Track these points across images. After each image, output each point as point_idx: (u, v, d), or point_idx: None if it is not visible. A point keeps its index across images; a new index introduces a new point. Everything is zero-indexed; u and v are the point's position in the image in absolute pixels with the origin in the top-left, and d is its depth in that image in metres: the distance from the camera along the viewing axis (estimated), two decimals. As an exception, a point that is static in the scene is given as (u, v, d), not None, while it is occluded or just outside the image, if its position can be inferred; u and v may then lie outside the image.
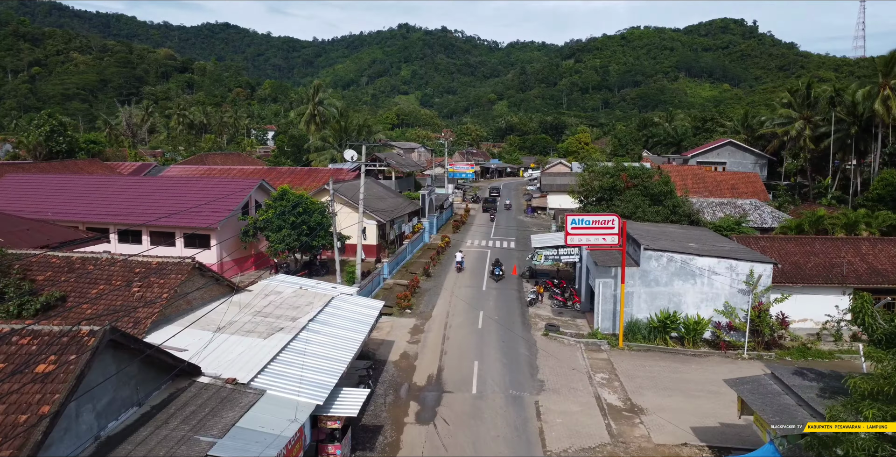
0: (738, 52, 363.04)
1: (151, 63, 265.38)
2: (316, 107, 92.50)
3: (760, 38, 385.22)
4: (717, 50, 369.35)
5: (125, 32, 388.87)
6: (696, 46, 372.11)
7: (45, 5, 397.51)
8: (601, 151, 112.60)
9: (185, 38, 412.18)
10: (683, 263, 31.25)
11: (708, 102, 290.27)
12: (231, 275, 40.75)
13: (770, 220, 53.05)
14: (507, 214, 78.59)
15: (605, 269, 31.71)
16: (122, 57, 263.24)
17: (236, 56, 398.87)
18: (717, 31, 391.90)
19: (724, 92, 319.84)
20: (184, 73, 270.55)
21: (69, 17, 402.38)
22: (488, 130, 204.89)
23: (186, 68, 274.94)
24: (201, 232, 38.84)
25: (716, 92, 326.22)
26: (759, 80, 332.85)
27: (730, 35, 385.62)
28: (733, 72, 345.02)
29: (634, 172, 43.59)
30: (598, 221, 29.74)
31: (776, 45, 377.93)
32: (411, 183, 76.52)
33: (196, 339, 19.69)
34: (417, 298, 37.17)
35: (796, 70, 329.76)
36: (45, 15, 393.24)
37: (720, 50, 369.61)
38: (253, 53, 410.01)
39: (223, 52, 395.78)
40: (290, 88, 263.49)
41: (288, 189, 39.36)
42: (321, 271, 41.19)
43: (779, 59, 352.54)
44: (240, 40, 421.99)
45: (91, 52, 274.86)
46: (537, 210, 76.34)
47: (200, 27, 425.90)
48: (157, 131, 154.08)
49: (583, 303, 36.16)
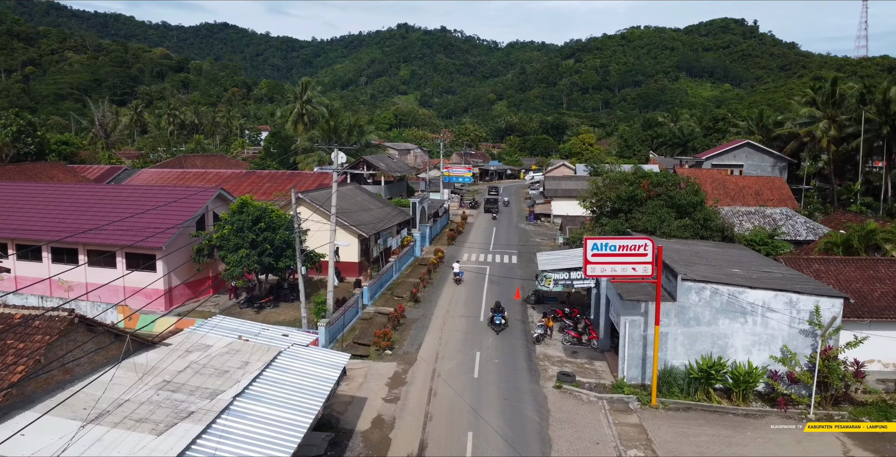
0: (739, 52, 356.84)
1: (147, 62, 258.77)
2: (304, 106, 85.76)
3: (761, 37, 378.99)
4: (718, 50, 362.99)
5: (123, 32, 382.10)
6: (697, 46, 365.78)
7: (43, 5, 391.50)
8: (606, 152, 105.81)
9: (184, 38, 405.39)
10: (731, 298, 24.58)
11: (709, 102, 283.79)
12: (183, 301, 34.11)
13: (804, 231, 46.41)
14: (507, 216, 71.85)
15: (632, 304, 25.04)
16: (117, 56, 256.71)
17: (235, 56, 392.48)
18: (718, 31, 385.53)
19: (725, 92, 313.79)
20: (179, 72, 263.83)
21: (67, 17, 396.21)
22: (488, 130, 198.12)
23: (182, 68, 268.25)
24: (143, 251, 32.17)
25: (717, 92, 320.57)
26: (760, 81, 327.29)
27: (730, 35, 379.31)
28: (734, 72, 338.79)
29: (657, 179, 36.86)
30: (627, 247, 23.05)
31: (777, 44, 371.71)
32: (403, 188, 69.82)
33: (54, 436, 13.06)
34: (401, 333, 30.50)
35: (798, 70, 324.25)
36: (42, 14, 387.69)
37: (721, 50, 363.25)
38: (252, 53, 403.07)
39: (222, 52, 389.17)
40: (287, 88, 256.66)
41: (248, 200, 32.68)
42: (291, 296, 34.51)
43: (780, 59, 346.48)
44: (238, 40, 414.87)
45: (86, 51, 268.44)
46: (541, 217, 69.57)
47: (199, 27, 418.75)
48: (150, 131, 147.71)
49: (601, 340, 29.45)
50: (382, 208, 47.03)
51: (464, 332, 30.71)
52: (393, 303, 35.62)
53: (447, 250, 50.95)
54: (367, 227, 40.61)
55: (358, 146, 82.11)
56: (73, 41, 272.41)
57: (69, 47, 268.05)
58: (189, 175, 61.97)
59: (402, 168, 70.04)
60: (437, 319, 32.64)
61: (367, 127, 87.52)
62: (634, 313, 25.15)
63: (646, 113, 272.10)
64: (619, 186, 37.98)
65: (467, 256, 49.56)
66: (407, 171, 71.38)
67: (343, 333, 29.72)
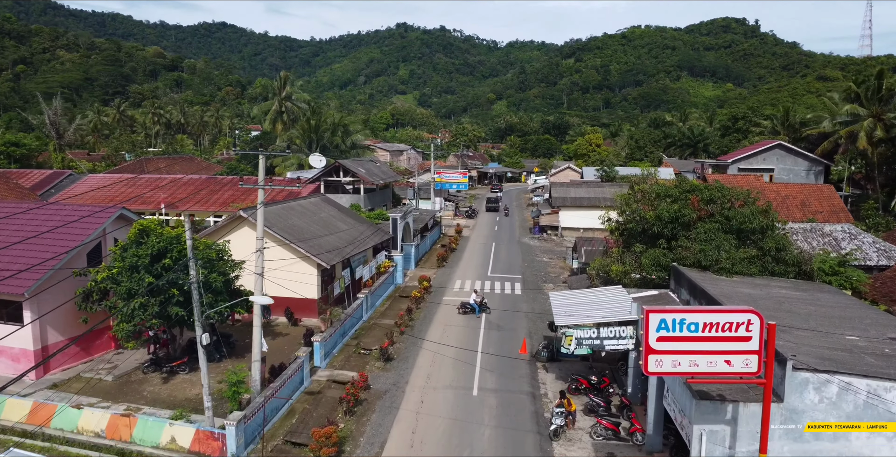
0: (741, 52, 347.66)
1: (140, 61, 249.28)
2: (283, 103, 76.08)
3: (762, 37, 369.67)
4: (720, 49, 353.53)
5: (121, 32, 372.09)
6: (698, 46, 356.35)
7: (40, 4, 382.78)
8: (614, 153, 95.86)
9: (182, 37, 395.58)
10: (873, 398, 14.96)
11: (711, 102, 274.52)
12: (69, 364, 24.50)
13: (875, 255, 36.79)
14: (508, 229, 62.11)
15: (712, 407, 15.37)
16: (109, 55, 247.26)
17: (233, 56, 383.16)
18: (719, 31, 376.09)
19: (727, 92, 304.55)
20: (173, 71, 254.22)
21: (64, 16, 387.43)
22: (487, 130, 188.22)
23: (176, 66, 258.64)
24: (3, 297, 22.58)
25: (719, 92, 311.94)
26: (762, 80, 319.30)
27: (731, 34, 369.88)
28: (736, 71, 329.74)
29: (710, 195, 27.20)
30: (718, 326, 13.41)
31: (778, 44, 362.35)
32: (388, 196, 60.01)
33: None
34: (359, 420, 20.85)
35: (801, 69, 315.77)
36: (39, 14, 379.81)
37: (722, 49, 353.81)
38: (250, 53, 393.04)
39: (219, 51, 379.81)
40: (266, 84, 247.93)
41: (149, 226, 22.99)
42: (217, 355, 24.83)
43: (782, 59, 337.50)
44: (236, 40, 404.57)
45: (79, 50, 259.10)
46: (547, 230, 59.75)
47: (197, 26, 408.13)
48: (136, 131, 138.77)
49: (650, 436, 19.75)
50: (356, 227, 37.31)
51: (449, 418, 21.00)
52: (357, 360, 25.99)
53: (436, 275, 41.23)
54: (330, 255, 30.93)
55: (343, 148, 72.54)
56: (65, 40, 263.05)
57: (61, 46, 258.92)
58: (141, 181, 52.40)
59: (385, 174, 60.18)
60: (413, 393, 22.95)
61: (354, 126, 77.83)
62: (716, 421, 15.46)
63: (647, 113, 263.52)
64: (656, 202, 28.29)
65: (460, 282, 39.80)
66: (391, 177, 61.51)
67: (273, 422, 20.11)
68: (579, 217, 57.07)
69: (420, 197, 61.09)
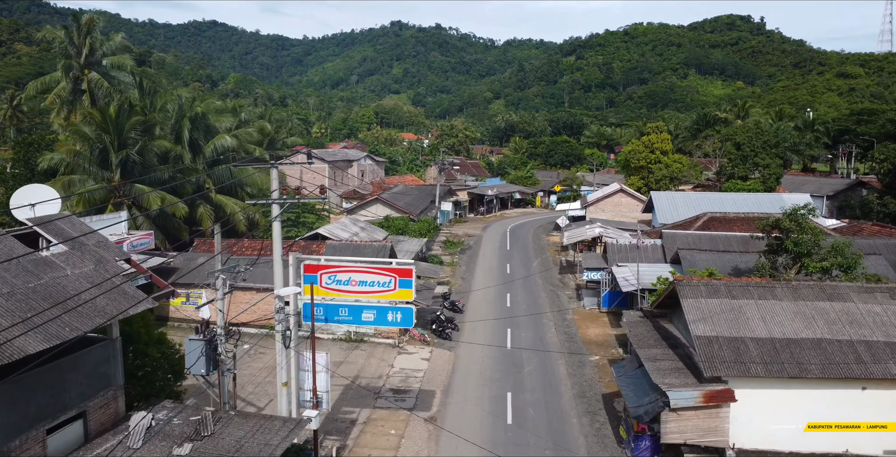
0: (749, 49, 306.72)
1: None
2: (87, 71, 35.39)
3: (769, 35, 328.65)
4: (726, 47, 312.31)
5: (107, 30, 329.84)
6: (704, 43, 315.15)
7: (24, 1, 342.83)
8: (695, 166, 54.49)
9: (171, 36, 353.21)
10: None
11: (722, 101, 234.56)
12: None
13: None
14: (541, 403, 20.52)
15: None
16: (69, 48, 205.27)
17: (223, 54, 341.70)
18: (724, 28, 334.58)
19: (738, 90, 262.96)
20: (141, 66, 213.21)
21: (49, 14, 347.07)
22: (484, 130, 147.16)
23: (144, 61, 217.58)
24: None
25: (729, 90, 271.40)
26: (773, 78, 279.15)
27: (737, 32, 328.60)
28: (746, 69, 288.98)
29: None
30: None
31: (786, 42, 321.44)
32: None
33: None
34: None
35: (814, 67, 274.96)
36: (23, 11, 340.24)
37: (729, 47, 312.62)
38: (240, 52, 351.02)
39: (210, 50, 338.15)
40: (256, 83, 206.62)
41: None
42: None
43: (792, 56, 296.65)
44: (227, 38, 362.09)
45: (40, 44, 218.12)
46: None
47: (187, 25, 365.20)
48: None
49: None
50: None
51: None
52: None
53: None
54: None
55: (202, 158, 32.04)
56: (24, 33, 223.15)
57: (20, 39, 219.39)
58: None
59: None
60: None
61: (225, 120, 36.94)
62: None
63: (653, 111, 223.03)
64: None
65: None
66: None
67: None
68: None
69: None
